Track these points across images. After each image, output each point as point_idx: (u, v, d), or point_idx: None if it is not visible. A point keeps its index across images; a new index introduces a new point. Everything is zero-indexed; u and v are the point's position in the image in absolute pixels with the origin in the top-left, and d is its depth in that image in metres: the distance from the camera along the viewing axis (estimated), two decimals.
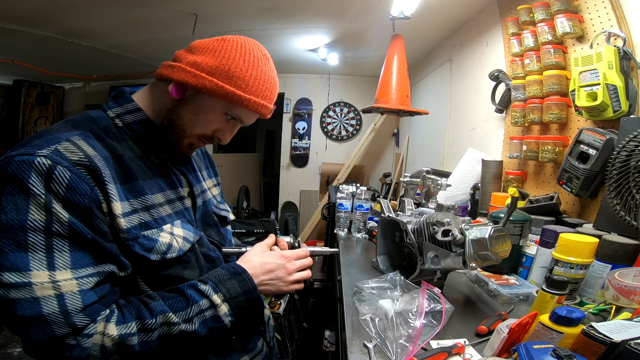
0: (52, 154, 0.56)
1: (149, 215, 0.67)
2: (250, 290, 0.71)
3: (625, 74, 1.06)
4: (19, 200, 0.53)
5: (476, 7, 2.10)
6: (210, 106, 0.71)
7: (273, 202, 5.00)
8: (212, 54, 0.69)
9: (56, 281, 0.54)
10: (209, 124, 0.73)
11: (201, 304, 0.65)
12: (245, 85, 0.70)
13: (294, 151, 4.61)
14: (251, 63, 0.71)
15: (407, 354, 0.71)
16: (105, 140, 0.65)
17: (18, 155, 0.55)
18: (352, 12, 2.33)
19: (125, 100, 0.72)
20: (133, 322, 0.59)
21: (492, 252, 0.87)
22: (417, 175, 1.84)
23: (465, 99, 2.32)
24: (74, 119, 0.67)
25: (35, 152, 0.56)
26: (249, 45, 0.72)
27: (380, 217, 1.21)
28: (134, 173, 0.67)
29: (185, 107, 0.71)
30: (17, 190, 0.54)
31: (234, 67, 0.69)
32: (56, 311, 0.54)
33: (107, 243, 0.59)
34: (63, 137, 0.60)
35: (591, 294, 0.88)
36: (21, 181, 0.54)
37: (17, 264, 0.52)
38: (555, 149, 1.33)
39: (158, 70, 0.72)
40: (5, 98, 4.63)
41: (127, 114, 0.71)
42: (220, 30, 2.79)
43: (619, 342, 0.53)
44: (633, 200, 0.93)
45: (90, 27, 2.77)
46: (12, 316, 0.53)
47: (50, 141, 0.58)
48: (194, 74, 0.68)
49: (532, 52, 1.45)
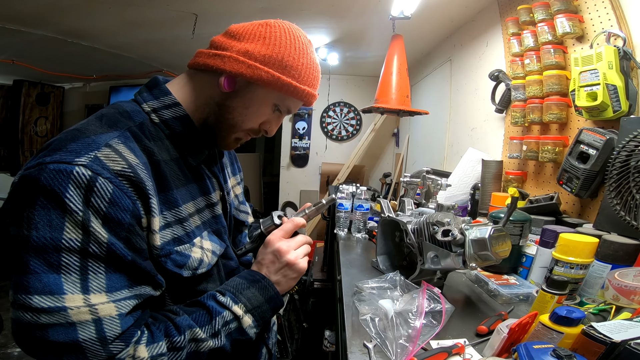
0: (93, 163, 0.49)
1: (182, 228, 0.62)
2: (273, 297, 0.67)
3: (625, 74, 1.06)
4: (53, 216, 0.47)
5: (476, 7, 2.10)
6: (262, 98, 0.66)
7: (273, 202, 5.00)
8: (262, 41, 0.63)
9: (92, 305, 0.48)
10: (258, 117, 0.68)
11: (225, 315, 0.61)
12: (298, 75, 0.66)
13: (294, 151, 4.61)
14: (302, 51, 0.66)
15: (407, 354, 0.71)
16: (143, 142, 0.59)
17: (53, 162, 0.48)
18: (352, 12, 2.33)
19: (162, 93, 0.65)
20: (163, 342, 0.55)
21: (492, 252, 0.87)
22: (417, 175, 1.84)
23: (465, 99, 2.32)
24: (108, 115, 0.59)
25: (74, 159, 0.49)
26: (296, 31, 0.67)
27: (380, 217, 1.21)
28: (169, 181, 0.62)
29: (235, 100, 0.65)
30: (52, 204, 0.47)
31: (287, 55, 0.64)
32: (93, 337, 0.48)
33: (144, 262, 0.55)
34: (102, 140, 0.53)
35: (591, 294, 0.88)
36: (57, 194, 0.47)
37: (49, 287, 0.46)
38: (555, 149, 1.33)
39: (199, 60, 0.66)
40: (5, 98, 4.63)
41: (164, 108, 0.64)
42: (220, 30, 2.78)
43: (619, 342, 0.53)
44: (633, 200, 0.93)
45: (90, 27, 2.77)
46: (42, 342, 0.47)
47: (89, 146, 0.51)
48: (248, 64, 0.62)
49: (532, 52, 1.45)
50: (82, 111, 5.13)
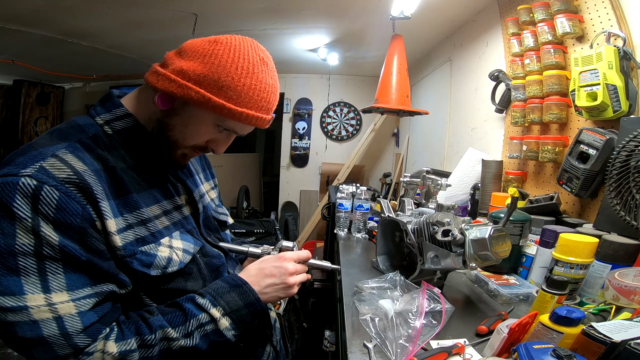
0: (38, 173, 0.52)
1: (146, 229, 0.64)
2: (253, 302, 0.68)
3: (625, 74, 1.06)
4: (4, 224, 0.50)
5: (476, 7, 2.10)
6: (200, 117, 0.65)
7: (273, 202, 5.00)
8: (202, 59, 0.62)
9: (53, 304, 0.52)
10: (200, 135, 0.68)
11: (200, 317, 0.62)
12: (237, 97, 0.63)
13: (294, 151, 4.61)
14: (244, 70, 0.63)
15: (407, 354, 0.71)
16: (96, 151, 0.61)
17: (1, 176, 0.52)
18: (352, 12, 2.33)
19: (113, 105, 0.67)
20: (132, 339, 0.57)
21: (492, 252, 0.87)
22: (417, 175, 1.84)
23: (465, 99, 2.32)
24: (60, 129, 0.62)
25: (19, 171, 0.52)
26: (244, 48, 0.65)
27: (380, 217, 1.21)
28: (127, 186, 0.63)
29: (174, 117, 0.66)
30: (2, 214, 0.50)
31: (224, 75, 0.62)
32: (56, 333, 0.52)
33: (103, 262, 0.57)
34: (48, 152, 0.55)
35: (591, 294, 0.88)
36: (5, 205, 0.50)
37: (10, 288, 0.50)
38: (555, 149, 1.33)
39: (146, 74, 0.66)
40: (5, 98, 4.63)
41: (116, 120, 0.65)
42: (220, 30, 2.79)
43: (619, 342, 0.53)
44: (633, 200, 0.93)
45: (90, 27, 2.78)
46: (13, 337, 0.51)
47: (35, 158, 0.54)
48: (179, 83, 0.61)
49: (532, 52, 1.45)
50: (82, 111, 5.13)
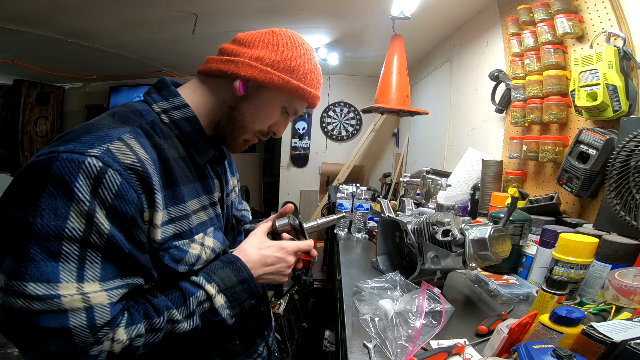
0: (105, 155, 0.51)
1: (187, 224, 0.63)
2: (246, 279, 0.66)
3: (625, 74, 1.06)
4: (59, 204, 0.48)
5: (476, 7, 2.10)
6: (271, 100, 0.70)
7: (273, 202, 5.00)
8: (271, 47, 0.68)
9: (85, 293, 0.49)
10: (268, 119, 0.72)
11: (198, 295, 0.61)
12: (305, 78, 0.70)
13: (294, 151, 4.61)
14: (307, 56, 0.70)
15: (407, 354, 0.71)
16: (154, 139, 0.61)
17: (66, 152, 0.50)
18: (352, 12, 2.33)
19: (170, 94, 0.67)
20: (141, 324, 0.55)
21: (492, 252, 0.87)
22: (417, 175, 1.84)
23: (465, 99, 2.32)
24: (120, 113, 0.61)
25: (86, 150, 0.50)
26: (299, 38, 0.72)
27: (380, 217, 1.21)
28: (176, 178, 0.63)
29: (247, 103, 0.69)
30: (60, 192, 0.48)
31: (294, 60, 0.68)
32: (83, 324, 0.49)
33: (142, 255, 0.56)
34: (115, 134, 0.55)
35: (591, 294, 0.88)
36: (66, 183, 0.48)
37: (47, 275, 0.47)
38: (555, 149, 1.33)
39: (211, 65, 0.69)
40: (5, 98, 4.63)
41: (174, 109, 0.66)
42: (220, 30, 2.79)
43: (619, 342, 0.53)
44: (633, 200, 0.93)
45: (90, 27, 2.78)
46: (32, 328, 0.47)
47: (102, 139, 0.53)
48: (260, 69, 0.66)
49: (532, 52, 1.45)
50: (82, 111, 5.13)
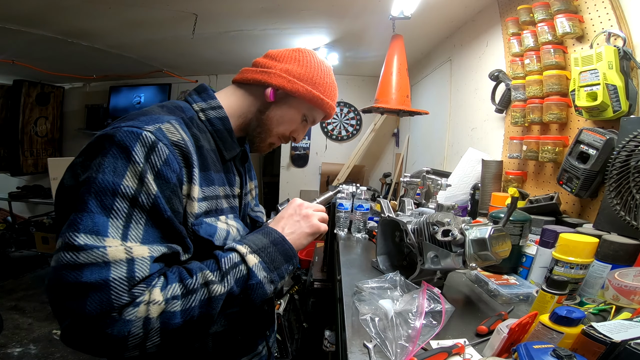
0: (157, 132, 0.61)
1: (215, 204, 0.71)
2: (278, 240, 0.71)
3: (625, 74, 1.06)
4: (119, 163, 0.56)
5: (476, 7, 2.10)
6: (296, 108, 0.82)
7: (273, 202, 5.01)
8: (297, 63, 0.80)
9: (129, 247, 0.53)
10: (290, 124, 0.83)
11: (231, 257, 0.64)
12: (324, 90, 0.82)
13: (294, 151, 4.61)
14: (325, 72, 0.83)
15: (407, 354, 0.71)
16: (192, 129, 0.70)
17: (127, 126, 0.59)
18: (352, 12, 2.33)
19: (209, 97, 0.79)
20: (176, 284, 0.57)
21: (492, 252, 0.87)
22: (417, 175, 1.84)
23: (465, 99, 2.32)
24: (167, 106, 0.72)
25: (143, 126, 0.60)
26: (319, 56, 0.84)
27: (380, 217, 1.21)
28: (209, 164, 0.72)
29: (274, 109, 0.80)
30: (121, 155, 0.56)
31: (316, 75, 0.80)
32: (123, 276, 0.52)
33: (179, 224, 0.61)
34: (165, 119, 0.64)
35: (591, 294, 0.88)
36: (126, 147, 0.56)
37: (97, 227, 0.52)
38: (555, 149, 1.33)
39: (247, 75, 0.80)
40: (5, 98, 4.63)
41: (210, 109, 0.77)
42: (220, 30, 2.79)
43: (619, 342, 0.53)
44: (633, 200, 0.93)
45: (90, 27, 2.78)
46: (73, 285, 0.49)
47: (156, 120, 0.63)
48: (288, 79, 0.78)
49: (532, 52, 1.45)
50: (82, 111, 5.13)
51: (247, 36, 2.94)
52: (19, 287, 3.40)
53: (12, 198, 4.11)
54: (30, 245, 4.04)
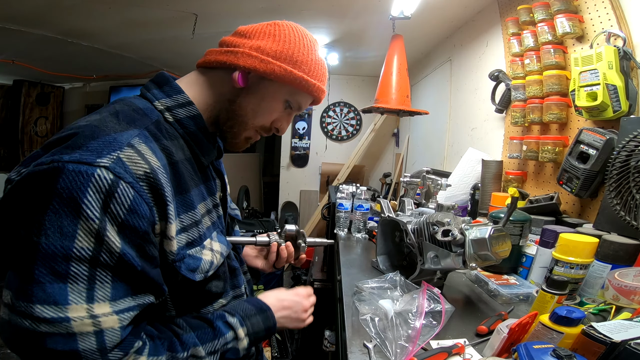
0: (116, 165, 0.46)
1: (196, 231, 0.61)
2: (271, 327, 0.70)
3: (625, 74, 1.06)
4: (65, 222, 0.44)
5: (476, 7, 2.10)
6: (274, 93, 0.67)
7: (273, 202, 5.00)
8: (272, 38, 0.65)
9: (96, 316, 0.46)
10: (270, 113, 0.69)
11: (227, 336, 0.62)
12: (309, 70, 0.67)
13: (294, 151, 4.61)
14: (310, 48, 0.67)
15: (407, 354, 0.71)
16: (162, 142, 0.57)
17: (72, 162, 0.45)
18: (352, 12, 2.33)
19: (173, 90, 0.63)
20: (164, 356, 0.53)
21: (492, 252, 0.87)
22: (417, 175, 1.84)
23: (465, 99, 2.32)
24: (124, 112, 0.56)
25: (95, 160, 0.46)
26: (302, 30, 0.69)
27: (380, 217, 1.21)
28: (186, 182, 0.60)
29: (247, 96, 0.66)
30: (66, 209, 0.44)
31: (297, 51, 0.65)
32: (93, 348, 0.46)
33: (153, 270, 0.52)
34: (124, 139, 0.50)
35: (591, 294, 0.88)
36: (74, 199, 0.44)
37: (54, 297, 0.44)
38: (555, 149, 1.33)
39: (210, 57, 0.66)
40: (5, 98, 4.63)
41: (178, 107, 0.62)
42: (220, 30, 2.79)
43: (619, 342, 0.53)
44: (633, 200, 0.93)
45: (90, 27, 2.78)
46: (38, 348, 0.44)
47: (111, 145, 0.48)
48: (261, 59, 0.63)
49: (532, 52, 1.45)
50: (82, 111, 5.12)
51: None
52: None
53: None
54: None
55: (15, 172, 0.49)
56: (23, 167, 0.49)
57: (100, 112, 0.56)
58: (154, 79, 0.65)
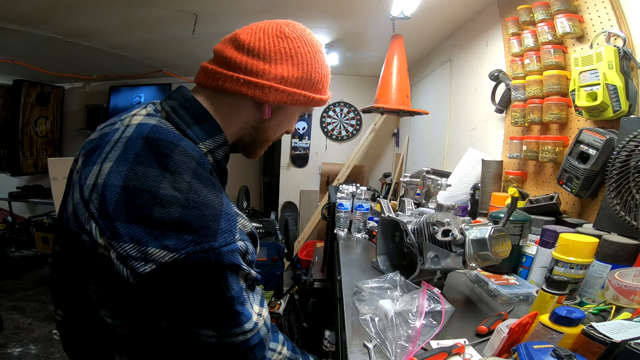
0: (240, 235, 0.60)
1: None
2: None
3: (625, 74, 1.06)
4: (235, 278, 0.60)
5: (476, 7, 2.10)
6: (293, 113, 0.74)
7: (273, 202, 5.00)
8: (292, 61, 0.66)
9: (259, 314, 0.66)
10: (284, 127, 0.76)
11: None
12: (322, 87, 0.72)
13: (294, 151, 4.61)
14: (321, 62, 0.71)
15: (406, 354, 0.71)
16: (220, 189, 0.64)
17: (224, 245, 0.57)
18: (352, 12, 2.33)
19: (214, 130, 0.65)
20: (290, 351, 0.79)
21: (492, 252, 0.87)
22: (417, 175, 1.84)
23: (465, 99, 2.32)
24: (196, 172, 0.58)
25: (233, 238, 0.59)
26: (308, 36, 0.70)
27: (380, 217, 1.21)
28: None
29: (271, 121, 0.71)
30: (234, 272, 0.59)
31: (314, 72, 0.69)
32: (265, 332, 0.67)
33: (257, 276, 0.69)
34: (229, 211, 0.60)
35: (591, 294, 0.88)
36: (237, 266, 0.59)
37: (248, 316, 0.62)
38: (555, 149, 1.33)
39: (228, 86, 0.64)
40: (5, 98, 4.62)
41: (219, 149, 0.66)
42: (220, 30, 2.79)
43: (619, 342, 0.53)
44: (633, 200, 0.93)
45: (90, 27, 2.78)
46: (246, 350, 0.63)
47: (230, 221, 0.59)
48: (288, 92, 0.66)
49: (532, 52, 1.45)
50: (82, 111, 5.13)
51: None
52: (19, 287, 3.39)
53: (12, 198, 4.12)
54: (30, 245, 4.05)
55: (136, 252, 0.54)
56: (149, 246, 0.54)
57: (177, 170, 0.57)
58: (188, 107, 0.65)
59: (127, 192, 0.54)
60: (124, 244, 0.52)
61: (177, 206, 0.54)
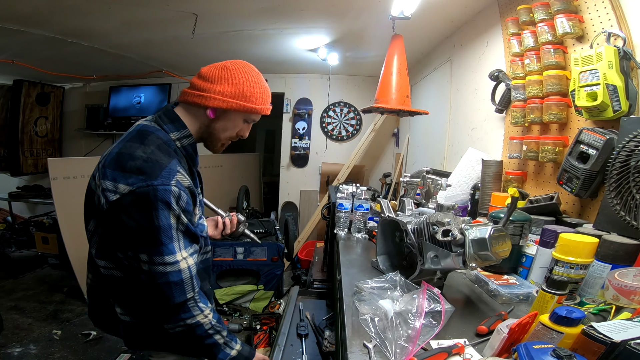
0: (178, 183, 0.84)
1: (200, 211, 0.99)
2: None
3: (625, 74, 1.06)
4: (166, 212, 0.82)
5: (476, 7, 2.10)
6: (235, 118, 0.99)
7: (273, 202, 5.00)
8: (227, 82, 0.94)
9: (185, 258, 0.85)
10: (233, 129, 1.01)
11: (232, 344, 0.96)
12: (255, 100, 0.96)
13: (294, 151, 4.61)
14: (253, 82, 0.96)
15: (406, 354, 0.71)
16: (181, 162, 0.91)
17: (160, 185, 0.81)
18: (352, 12, 2.33)
19: (181, 126, 0.95)
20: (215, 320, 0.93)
21: (492, 252, 0.87)
22: (417, 175, 1.84)
23: (465, 99, 2.32)
24: (159, 146, 0.88)
25: (169, 182, 0.83)
26: (246, 68, 0.97)
27: (380, 217, 1.22)
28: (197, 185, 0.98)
29: (217, 122, 0.98)
30: (165, 207, 0.82)
31: (245, 88, 0.95)
32: (187, 277, 0.85)
33: (195, 230, 0.90)
34: (174, 168, 0.85)
35: (591, 294, 0.88)
36: (167, 202, 0.81)
37: (171, 250, 0.82)
38: (555, 149, 1.33)
39: (189, 98, 0.95)
40: (5, 98, 4.62)
41: (184, 138, 0.95)
42: (220, 30, 2.79)
43: (619, 342, 0.53)
44: (633, 200, 0.93)
45: (90, 27, 2.78)
46: (164, 283, 0.82)
47: (171, 173, 0.84)
48: (223, 100, 0.93)
49: (532, 52, 1.45)
50: (82, 111, 5.12)
51: (247, 36, 2.94)
52: (19, 287, 3.39)
53: (12, 198, 4.11)
54: (30, 245, 4.04)
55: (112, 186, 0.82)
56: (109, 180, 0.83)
57: (147, 144, 0.87)
58: (166, 114, 0.96)
59: (118, 155, 0.85)
60: (106, 181, 0.83)
61: (140, 161, 0.83)
